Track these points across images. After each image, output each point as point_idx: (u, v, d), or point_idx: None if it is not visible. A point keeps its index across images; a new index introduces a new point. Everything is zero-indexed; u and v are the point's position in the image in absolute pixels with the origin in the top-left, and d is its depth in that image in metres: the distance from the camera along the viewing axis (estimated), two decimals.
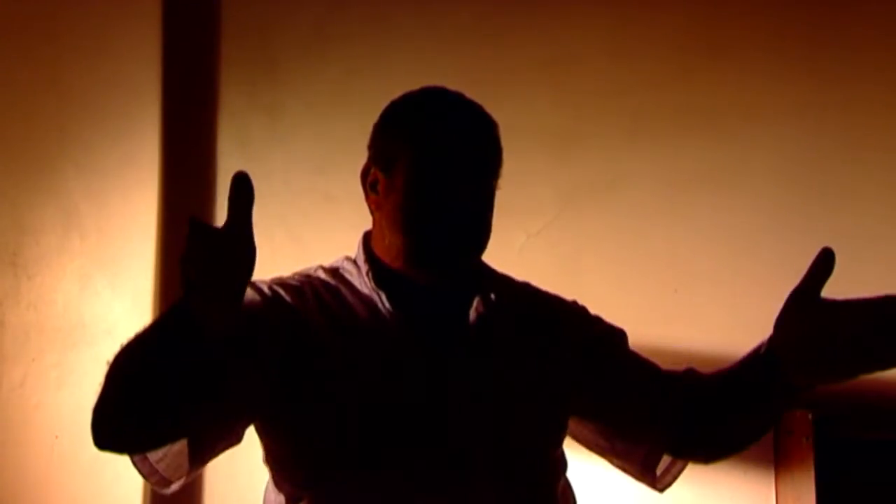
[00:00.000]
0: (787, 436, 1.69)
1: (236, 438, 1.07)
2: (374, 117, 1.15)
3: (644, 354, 1.20)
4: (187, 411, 0.93)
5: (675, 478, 1.18)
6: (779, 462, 1.73)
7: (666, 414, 1.13)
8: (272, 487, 1.10)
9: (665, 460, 1.17)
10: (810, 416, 1.62)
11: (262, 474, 1.13)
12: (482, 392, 1.07)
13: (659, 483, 1.18)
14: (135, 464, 1.01)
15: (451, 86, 1.13)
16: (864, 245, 1.76)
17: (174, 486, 1.04)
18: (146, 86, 2.08)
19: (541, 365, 1.12)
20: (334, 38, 2.10)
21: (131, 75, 2.05)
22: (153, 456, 1.01)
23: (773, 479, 1.74)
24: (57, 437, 1.78)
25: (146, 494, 1.97)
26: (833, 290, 1.75)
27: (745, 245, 1.82)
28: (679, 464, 1.17)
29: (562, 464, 1.16)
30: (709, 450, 1.16)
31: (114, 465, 1.93)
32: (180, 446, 1.00)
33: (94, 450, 0.91)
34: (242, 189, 0.87)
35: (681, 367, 1.17)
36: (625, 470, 1.21)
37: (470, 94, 1.12)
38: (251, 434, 1.09)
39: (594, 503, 1.76)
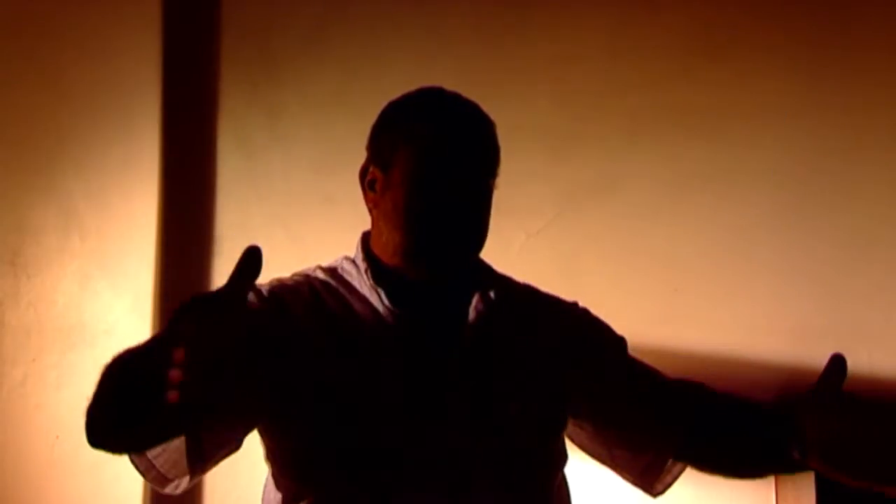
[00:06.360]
0: None
1: (236, 446, 1.07)
2: (374, 117, 1.15)
3: (644, 354, 1.21)
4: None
5: (668, 486, 1.21)
6: None
7: (671, 418, 1.15)
8: (272, 486, 1.10)
9: (664, 469, 1.19)
10: None
11: (262, 474, 1.13)
12: (481, 390, 1.07)
13: (654, 490, 1.21)
14: (132, 460, 1.00)
15: (451, 86, 1.13)
16: (864, 245, 1.76)
17: (172, 486, 1.03)
18: (146, 86, 2.08)
19: (540, 364, 1.12)
20: (334, 38, 2.10)
21: (131, 75, 2.05)
22: (151, 452, 1.00)
23: (773, 479, 1.74)
24: (57, 437, 1.78)
25: (146, 495, 1.96)
26: (833, 289, 1.77)
27: (745, 245, 1.82)
28: (675, 471, 1.19)
29: (561, 457, 1.16)
30: (703, 463, 1.18)
31: (114, 465, 1.93)
32: (178, 443, 0.99)
33: (95, 450, 0.91)
34: (252, 263, 0.84)
35: (681, 366, 1.19)
36: (622, 476, 1.23)
37: (470, 94, 1.12)
38: (251, 433, 1.09)
39: (593, 503, 1.76)
